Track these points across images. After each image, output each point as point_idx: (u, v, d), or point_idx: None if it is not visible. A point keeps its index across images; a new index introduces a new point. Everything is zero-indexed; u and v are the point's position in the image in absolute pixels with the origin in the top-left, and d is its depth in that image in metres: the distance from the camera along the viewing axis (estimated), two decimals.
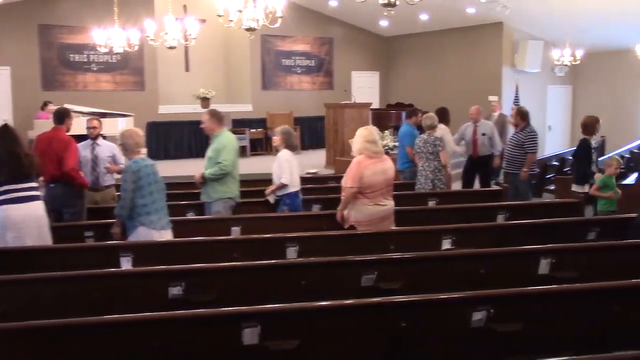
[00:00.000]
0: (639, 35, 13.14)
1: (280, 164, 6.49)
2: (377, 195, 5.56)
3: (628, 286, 3.87)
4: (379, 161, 5.60)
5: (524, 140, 8.27)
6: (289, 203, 6.48)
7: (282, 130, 6.69)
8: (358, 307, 3.50)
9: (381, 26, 16.54)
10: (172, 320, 3.33)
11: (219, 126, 6.43)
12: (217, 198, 6.31)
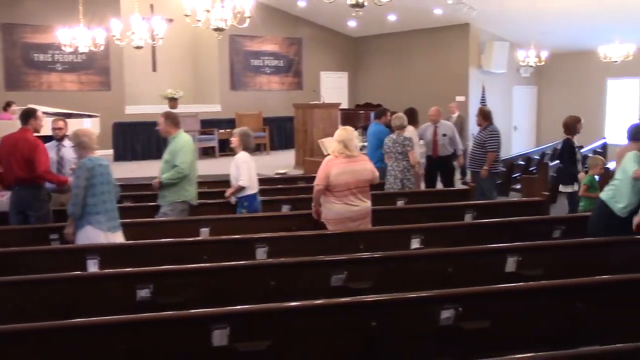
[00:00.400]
0: (601, 37, 13.40)
1: (239, 165, 6.39)
2: (346, 195, 5.57)
3: (592, 283, 3.95)
4: (351, 162, 5.60)
5: (486, 139, 8.41)
6: (247, 205, 6.38)
7: (239, 132, 6.60)
8: (328, 307, 3.51)
9: (350, 27, 16.61)
10: (140, 323, 3.29)
11: (175, 128, 6.31)
12: (172, 201, 6.19)
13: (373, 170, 5.78)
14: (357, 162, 5.65)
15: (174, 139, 6.27)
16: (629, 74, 15.45)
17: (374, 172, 5.78)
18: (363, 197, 5.68)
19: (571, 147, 7.75)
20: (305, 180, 9.12)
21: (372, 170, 5.76)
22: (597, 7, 12.61)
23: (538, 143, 16.96)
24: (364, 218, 5.69)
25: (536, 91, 17.83)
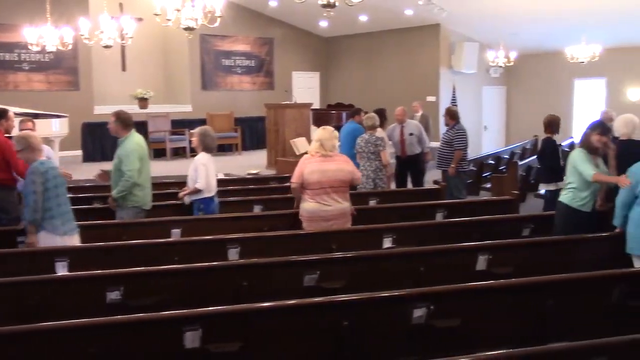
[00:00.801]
0: (569, 38, 13.63)
1: (197, 168, 6.22)
2: (319, 194, 5.55)
3: (561, 280, 4.01)
4: (325, 161, 5.57)
5: (453, 138, 8.54)
6: (204, 208, 6.26)
7: (199, 132, 6.42)
8: (300, 308, 3.51)
9: (321, 27, 16.64)
10: (111, 326, 3.25)
11: (125, 129, 6.07)
12: (124, 206, 6.07)
13: (352, 172, 5.68)
14: (331, 162, 5.58)
15: (124, 141, 6.05)
16: (595, 74, 15.74)
17: (352, 173, 5.69)
18: (339, 197, 5.61)
19: (554, 145, 7.81)
20: (278, 181, 9.11)
21: (350, 171, 5.65)
22: (564, 9, 12.82)
23: (507, 142, 17.18)
24: (337, 219, 5.62)
25: (505, 91, 18.06)
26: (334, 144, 5.70)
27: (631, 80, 15.77)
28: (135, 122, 6.35)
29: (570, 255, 5.02)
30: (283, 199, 7.24)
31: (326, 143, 5.60)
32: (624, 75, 15.78)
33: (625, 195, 4.86)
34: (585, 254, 5.04)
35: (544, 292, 3.90)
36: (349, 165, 5.69)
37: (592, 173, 5.26)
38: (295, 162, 10.68)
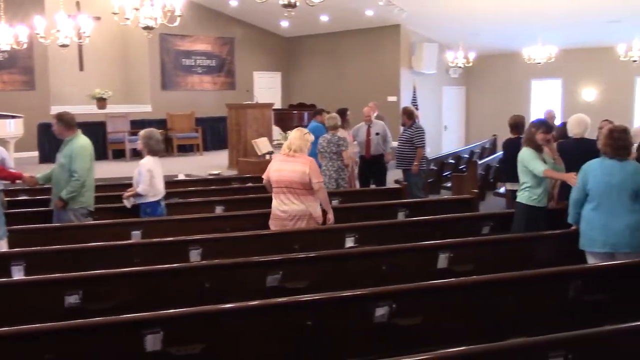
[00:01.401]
0: (526, 39, 13.88)
1: (140, 172, 6.12)
2: (279, 193, 5.58)
3: (519, 277, 4.09)
4: (286, 160, 5.60)
5: (413, 137, 8.66)
6: (149, 212, 6.15)
7: (143, 135, 6.30)
8: (264, 308, 3.50)
9: (282, 27, 16.61)
10: (69, 330, 3.19)
11: (69, 130, 6.00)
12: (71, 208, 5.95)
13: (307, 173, 5.48)
14: (290, 162, 5.57)
15: (70, 141, 5.98)
16: (551, 75, 16.08)
17: (306, 175, 5.49)
18: (294, 198, 5.54)
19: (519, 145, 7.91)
20: (239, 181, 9.07)
21: (304, 172, 5.48)
22: (521, 11, 13.07)
23: (467, 142, 17.43)
24: (292, 220, 5.56)
25: (465, 91, 18.32)
26: (300, 145, 5.61)
27: (586, 80, 16.17)
28: (93, 122, 6.27)
29: (529, 252, 5.13)
30: (245, 200, 7.22)
31: (293, 142, 5.61)
32: (578, 76, 16.18)
33: (576, 193, 4.98)
34: (543, 251, 5.15)
35: (503, 289, 3.98)
36: (306, 167, 5.50)
37: (543, 169, 5.44)
38: (256, 162, 10.77)
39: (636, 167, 4.75)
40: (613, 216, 4.73)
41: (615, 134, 4.79)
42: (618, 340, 3.15)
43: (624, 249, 4.71)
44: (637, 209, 4.69)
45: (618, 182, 4.71)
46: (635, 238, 4.69)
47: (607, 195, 4.75)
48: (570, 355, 2.91)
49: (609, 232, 4.73)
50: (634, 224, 4.68)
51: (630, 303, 4.27)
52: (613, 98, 15.45)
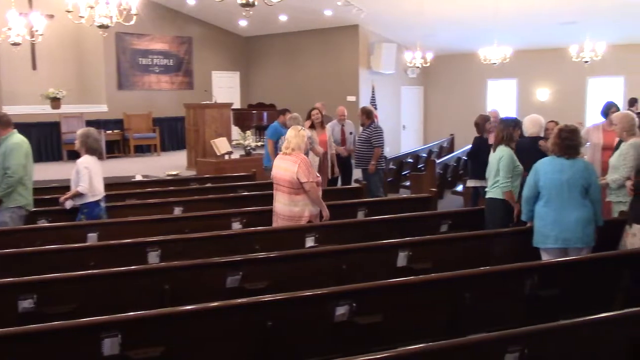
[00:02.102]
0: (482, 40, 14.10)
1: (79, 171, 5.98)
2: (276, 190, 5.77)
3: (477, 274, 4.15)
4: (283, 159, 5.72)
5: (371, 136, 8.73)
6: (87, 212, 6.00)
7: (80, 134, 6.16)
8: (223, 309, 3.47)
9: (241, 26, 16.52)
10: (23, 336, 3.10)
11: (5, 129, 5.94)
12: (7, 207, 5.84)
13: (296, 172, 5.50)
14: (285, 161, 5.67)
15: (5, 140, 5.89)
16: (506, 75, 16.38)
17: (296, 174, 5.50)
18: (283, 198, 5.66)
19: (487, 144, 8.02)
20: (198, 182, 8.98)
21: (293, 171, 5.51)
22: (477, 12, 13.27)
23: (425, 141, 17.63)
24: (284, 220, 5.67)
25: (422, 91, 18.52)
26: (298, 143, 5.67)
27: (540, 81, 16.53)
28: (47, 123, 6.13)
29: (486, 249, 5.21)
30: (204, 200, 7.15)
31: (291, 141, 5.70)
32: (533, 76, 16.52)
33: (528, 191, 5.10)
34: (500, 248, 5.25)
35: (461, 285, 4.03)
36: (295, 166, 5.54)
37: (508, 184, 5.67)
38: (215, 162, 10.70)
39: (586, 164, 4.91)
40: (564, 212, 4.88)
41: (563, 133, 4.94)
42: (572, 333, 3.23)
43: (576, 244, 4.86)
44: (587, 205, 4.85)
45: (568, 178, 4.85)
46: (586, 233, 4.85)
47: (558, 191, 4.90)
48: (526, 350, 2.97)
49: (561, 228, 4.88)
50: (584, 218, 4.84)
51: (583, 297, 4.39)
52: (566, 98, 15.83)
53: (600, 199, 4.94)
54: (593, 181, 4.89)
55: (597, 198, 4.90)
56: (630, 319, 3.34)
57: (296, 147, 5.66)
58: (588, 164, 4.95)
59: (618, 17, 12.72)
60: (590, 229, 4.87)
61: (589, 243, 4.87)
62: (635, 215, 4.93)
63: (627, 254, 4.75)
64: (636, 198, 4.97)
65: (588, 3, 11.82)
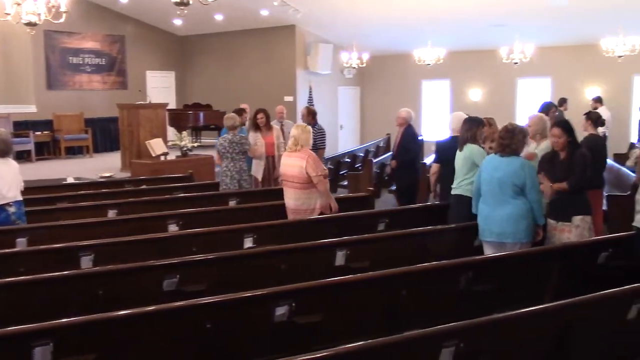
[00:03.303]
0: (416, 41, 14.38)
1: None
2: (286, 187, 6.15)
3: (414, 271, 4.22)
4: (291, 155, 6.07)
5: (316, 138, 8.73)
6: None
7: None
8: (160, 313, 3.40)
9: (175, 25, 16.25)
10: None
11: None
12: None
13: (304, 167, 5.91)
14: (292, 157, 6.03)
15: None
16: (440, 76, 16.75)
17: (304, 169, 5.91)
18: (298, 193, 6.02)
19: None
20: (133, 183, 8.80)
21: (302, 166, 5.92)
22: (411, 14, 13.51)
23: (362, 141, 17.81)
24: (300, 214, 6.06)
25: (359, 91, 18.71)
26: (307, 138, 6.09)
27: (472, 81, 16.98)
28: None
29: (424, 246, 5.31)
30: (140, 202, 7.01)
31: (299, 137, 6.03)
32: (465, 77, 16.95)
33: (474, 186, 5.36)
34: (439, 245, 5.34)
35: (398, 283, 4.09)
36: (303, 161, 5.93)
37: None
38: (151, 163, 10.50)
39: (522, 164, 5.04)
40: (496, 208, 5.07)
41: (500, 132, 5.16)
42: (505, 326, 3.32)
43: (507, 239, 5.04)
44: (518, 202, 5.00)
45: (501, 176, 5.03)
46: (517, 229, 5.01)
47: (491, 188, 5.10)
48: (462, 344, 3.04)
49: (492, 222, 5.09)
50: (516, 215, 5.00)
51: (517, 291, 4.53)
52: (497, 98, 16.31)
53: (538, 198, 5.04)
54: (529, 181, 4.98)
55: (534, 197, 5.00)
56: (560, 310, 3.47)
57: (305, 143, 6.05)
58: (526, 163, 5.06)
59: (545, 19, 13.21)
60: (522, 226, 5.01)
61: (521, 239, 5.02)
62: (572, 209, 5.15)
63: (556, 249, 4.94)
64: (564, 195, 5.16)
65: (516, 6, 12.22)
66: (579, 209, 5.17)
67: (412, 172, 8.53)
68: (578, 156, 5.18)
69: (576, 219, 5.14)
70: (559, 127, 5.23)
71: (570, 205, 5.16)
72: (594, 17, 12.65)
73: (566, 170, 5.15)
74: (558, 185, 5.12)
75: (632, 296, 3.72)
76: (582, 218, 5.15)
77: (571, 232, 5.13)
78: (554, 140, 5.23)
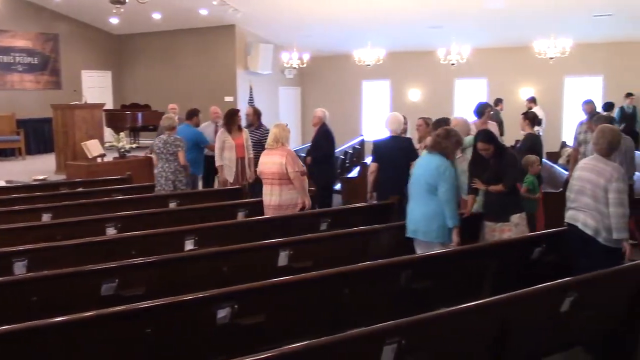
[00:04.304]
0: (356, 41, 14.50)
1: None
2: (267, 184, 6.30)
3: (355, 270, 4.25)
4: (270, 153, 6.26)
5: (262, 139, 8.67)
6: None
7: None
8: (98, 319, 3.31)
9: (112, 24, 15.87)
10: None
11: None
12: None
13: (284, 164, 6.13)
14: (271, 155, 6.23)
15: None
16: (380, 76, 16.95)
17: (283, 165, 6.12)
18: (279, 190, 6.19)
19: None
20: (68, 186, 8.55)
21: (281, 163, 6.14)
22: (351, 15, 13.62)
23: (303, 141, 17.82)
24: (281, 210, 6.20)
25: (300, 92, 18.73)
26: (286, 136, 6.34)
27: (411, 82, 17.26)
28: None
29: (365, 245, 5.36)
30: (76, 205, 6.81)
31: (278, 135, 6.25)
32: (405, 78, 17.22)
33: None
34: (379, 243, 5.40)
35: (340, 282, 4.11)
36: (282, 158, 6.16)
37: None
38: (87, 165, 10.23)
39: (439, 164, 5.09)
40: (413, 205, 5.25)
41: (439, 131, 5.31)
42: (446, 323, 3.39)
43: (420, 237, 5.18)
44: (432, 202, 5.10)
45: (418, 174, 5.22)
46: (429, 228, 5.12)
47: (413, 185, 5.28)
48: (403, 341, 3.08)
49: (410, 219, 5.25)
50: (428, 214, 5.12)
51: (456, 287, 4.63)
52: (435, 98, 16.63)
53: (449, 199, 5.05)
54: (442, 182, 5.04)
55: (445, 198, 5.04)
56: (497, 305, 3.56)
57: (285, 140, 6.28)
58: (443, 165, 5.09)
59: (481, 22, 13.56)
60: (434, 225, 5.10)
61: (433, 239, 5.12)
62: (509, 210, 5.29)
63: (492, 246, 5.07)
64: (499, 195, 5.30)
65: (453, 8, 12.48)
66: (515, 208, 5.34)
67: (328, 168, 8.76)
68: (508, 156, 5.36)
69: (514, 217, 5.29)
70: (481, 141, 5.33)
71: (507, 206, 5.31)
72: (527, 20, 13.06)
73: (497, 172, 5.30)
74: (494, 187, 5.26)
75: (565, 289, 3.85)
76: (519, 216, 5.32)
77: (511, 230, 5.28)
78: (483, 153, 5.34)
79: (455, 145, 5.26)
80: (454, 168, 5.20)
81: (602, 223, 4.59)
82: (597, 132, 4.84)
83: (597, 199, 4.61)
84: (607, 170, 4.60)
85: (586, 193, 4.69)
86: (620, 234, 4.52)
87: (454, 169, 5.21)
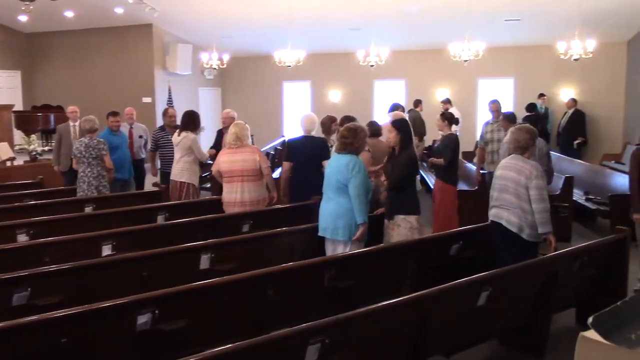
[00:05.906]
0: (276, 42, 14.46)
1: None
2: (232, 182, 6.32)
3: (279, 271, 4.25)
4: (236, 152, 6.30)
5: None
6: None
7: None
8: (9, 330, 3.15)
9: (21, 21, 15.16)
10: None
11: None
12: None
13: (258, 161, 6.31)
14: (240, 153, 6.29)
15: None
16: (301, 78, 17.02)
17: (257, 162, 6.30)
18: (250, 186, 6.27)
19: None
20: None
21: (255, 159, 6.30)
22: (271, 16, 13.61)
23: None
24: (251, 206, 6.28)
25: (220, 93, 18.54)
26: (247, 134, 6.46)
27: (332, 83, 17.43)
28: None
29: (288, 245, 5.37)
30: None
31: (239, 134, 6.32)
32: (325, 79, 17.37)
33: None
34: (301, 243, 5.43)
35: (264, 283, 4.10)
36: (255, 155, 6.34)
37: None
38: None
39: (348, 161, 5.10)
40: (324, 203, 5.29)
41: (343, 132, 5.27)
42: (369, 320, 3.44)
43: (329, 235, 5.22)
44: (340, 199, 5.14)
45: (328, 173, 5.27)
46: (335, 225, 5.16)
47: (324, 184, 5.31)
48: (327, 340, 3.10)
49: (320, 218, 5.29)
50: (336, 212, 5.16)
51: (378, 285, 4.71)
52: (355, 99, 16.86)
53: (358, 195, 5.05)
54: (352, 177, 5.05)
55: (354, 193, 5.05)
56: (417, 301, 3.65)
57: (245, 137, 6.37)
58: (353, 161, 5.10)
59: (398, 25, 13.85)
60: (340, 223, 5.12)
61: (339, 237, 5.14)
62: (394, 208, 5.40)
63: (411, 243, 5.17)
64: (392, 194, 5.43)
65: (371, 11, 12.68)
66: (402, 209, 5.37)
67: None
68: (404, 156, 5.38)
69: (398, 218, 5.36)
70: (392, 124, 5.48)
71: (397, 205, 5.39)
72: (442, 24, 13.46)
73: (393, 166, 5.43)
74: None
75: (481, 284, 3.99)
76: (404, 218, 5.34)
77: (394, 230, 5.38)
78: (389, 137, 5.48)
79: (364, 138, 5.28)
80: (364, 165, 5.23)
81: (525, 220, 4.80)
82: (515, 132, 5.05)
83: (519, 197, 4.81)
84: (526, 169, 4.82)
85: (509, 191, 4.89)
86: (545, 227, 4.76)
87: (364, 166, 5.23)
